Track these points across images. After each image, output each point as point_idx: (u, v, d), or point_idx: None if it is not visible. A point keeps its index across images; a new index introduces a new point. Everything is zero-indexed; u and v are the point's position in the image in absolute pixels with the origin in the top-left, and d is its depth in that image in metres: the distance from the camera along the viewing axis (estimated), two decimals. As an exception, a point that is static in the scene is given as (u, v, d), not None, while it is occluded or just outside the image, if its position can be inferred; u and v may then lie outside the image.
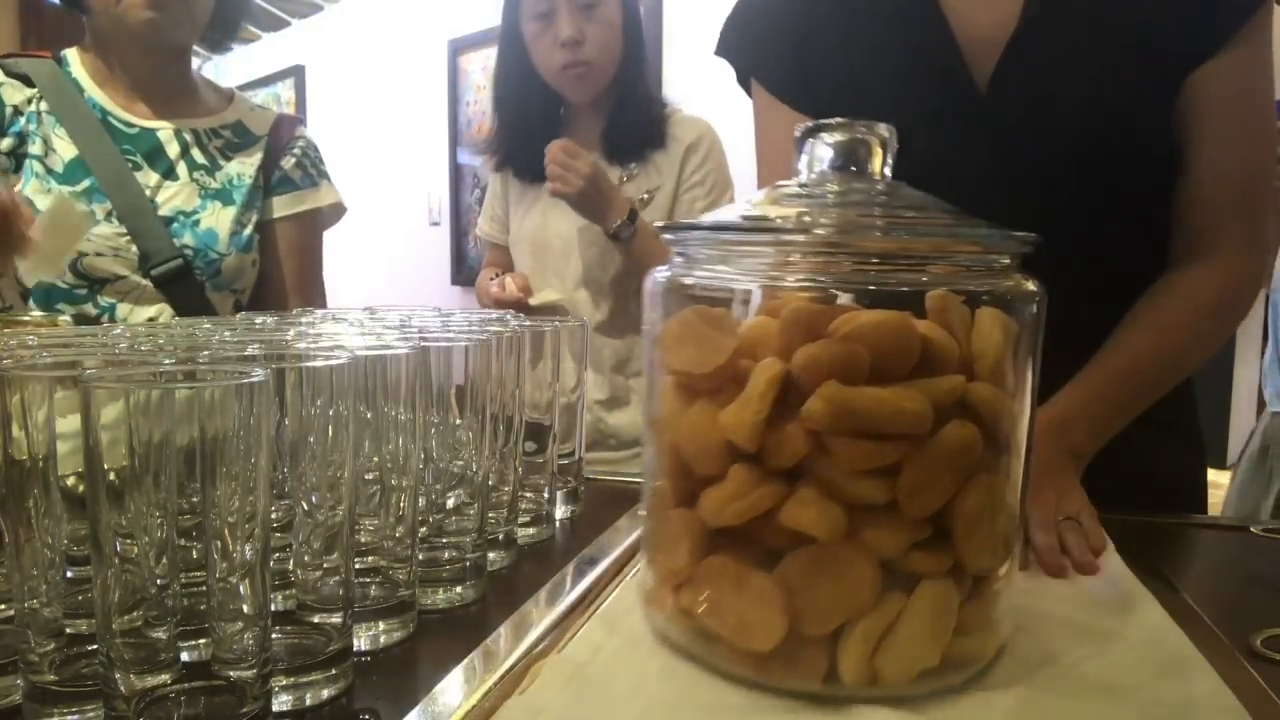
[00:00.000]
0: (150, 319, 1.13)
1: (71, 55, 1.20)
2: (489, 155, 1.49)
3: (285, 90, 4.60)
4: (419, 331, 0.57)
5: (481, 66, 3.59)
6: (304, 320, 0.68)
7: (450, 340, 0.55)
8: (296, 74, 4.55)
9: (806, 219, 0.45)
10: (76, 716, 0.38)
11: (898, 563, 0.41)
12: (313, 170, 1.30)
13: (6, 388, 0.36)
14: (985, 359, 0.42)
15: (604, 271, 1.36)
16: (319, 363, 0.43)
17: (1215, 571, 0.67)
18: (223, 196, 1.20)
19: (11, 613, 0.38)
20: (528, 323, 0.68)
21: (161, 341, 0.52)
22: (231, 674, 0.36)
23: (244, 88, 4.82)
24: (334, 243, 1.35)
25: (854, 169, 0.47)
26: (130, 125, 1.18)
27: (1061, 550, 0.60)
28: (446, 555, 0.55)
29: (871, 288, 0.43)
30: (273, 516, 0.40)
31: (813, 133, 0.48)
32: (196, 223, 1.17)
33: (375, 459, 0.48)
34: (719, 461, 0.43)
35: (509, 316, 0.71)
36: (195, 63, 1.28)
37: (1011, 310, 0.44)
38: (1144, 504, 0.75)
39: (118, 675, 0.35)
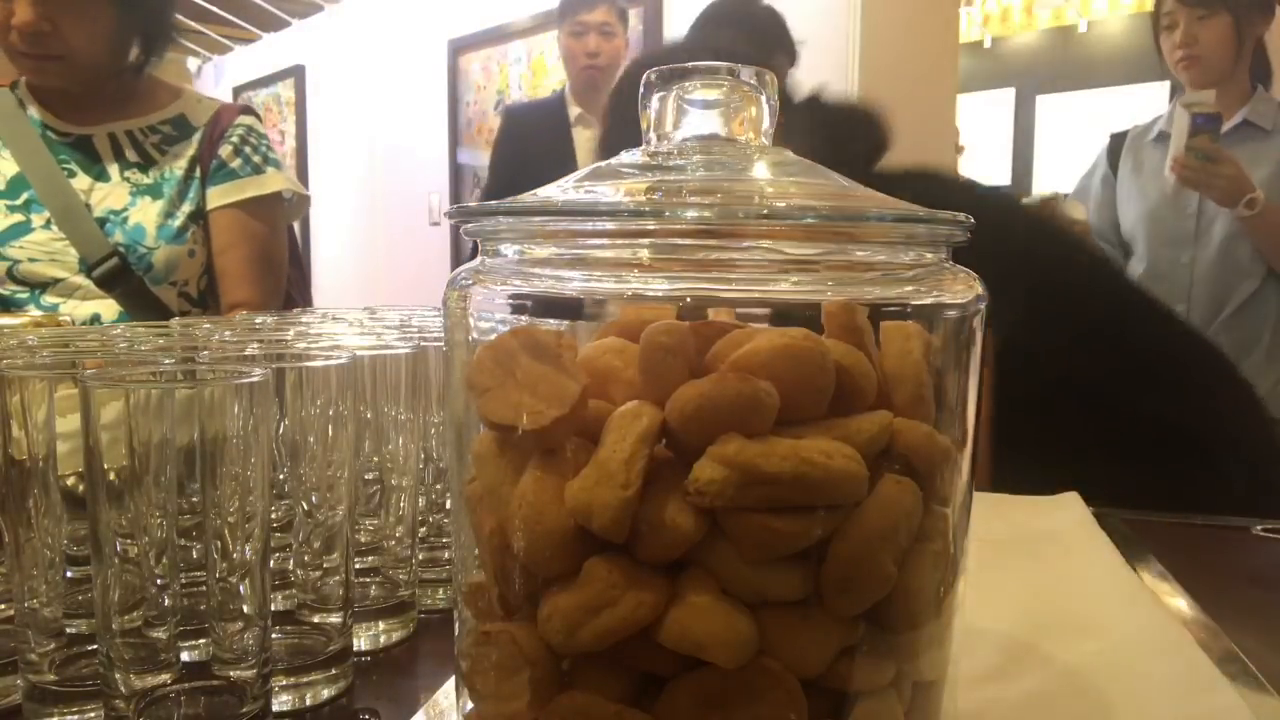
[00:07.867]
0: (94, 315, 1.18)
1: (22, 79, 1.26)
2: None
3: (285, 90, 4.60)
4: (419, 331, 0.57)
5: (481, 66, 3.58)
6: (304, 320, 0.68)
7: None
8: (296, 74, 4.55)
9: (659, 196, 0.33)
10: (76, 716, 0.38)
11: (825, 681, 0.29)
12: (255, 157, 1.29)
13: (6, 388, 0.36)
14: (904, 385, 0.31)
15: None
16: (318, 363, 0.43)
17: (1216, 571, 0.67)
18: (153, 191, 1.23)
19: (11, 613, 0.38)
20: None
21: (161, 341, 0.52)
22: (231, 674, 0.36)
23: (244, 88, 4.84)
24: (334, 243, 1.35)
25: (725, 132, 0.35)
26: (66, 134, 1.24)
27: None
28: (446, 555, 0.55)
29: (758, 294, 0.32)
30: (273, 516, 0.40)
31: (667, 82, 0.35)
32: (125, 220, 1.20)
33: (375, 459, 0.48)
34: (567, 556, 0.29)
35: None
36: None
37: (939, 323, 0.32)
38: None
39: (118, 675, 0.35)
